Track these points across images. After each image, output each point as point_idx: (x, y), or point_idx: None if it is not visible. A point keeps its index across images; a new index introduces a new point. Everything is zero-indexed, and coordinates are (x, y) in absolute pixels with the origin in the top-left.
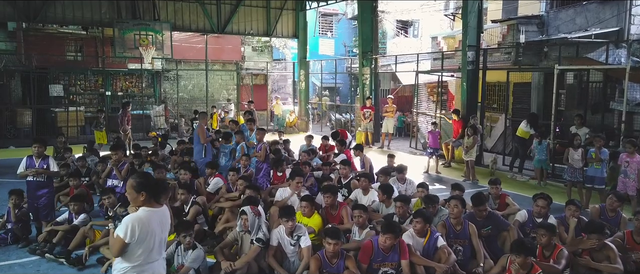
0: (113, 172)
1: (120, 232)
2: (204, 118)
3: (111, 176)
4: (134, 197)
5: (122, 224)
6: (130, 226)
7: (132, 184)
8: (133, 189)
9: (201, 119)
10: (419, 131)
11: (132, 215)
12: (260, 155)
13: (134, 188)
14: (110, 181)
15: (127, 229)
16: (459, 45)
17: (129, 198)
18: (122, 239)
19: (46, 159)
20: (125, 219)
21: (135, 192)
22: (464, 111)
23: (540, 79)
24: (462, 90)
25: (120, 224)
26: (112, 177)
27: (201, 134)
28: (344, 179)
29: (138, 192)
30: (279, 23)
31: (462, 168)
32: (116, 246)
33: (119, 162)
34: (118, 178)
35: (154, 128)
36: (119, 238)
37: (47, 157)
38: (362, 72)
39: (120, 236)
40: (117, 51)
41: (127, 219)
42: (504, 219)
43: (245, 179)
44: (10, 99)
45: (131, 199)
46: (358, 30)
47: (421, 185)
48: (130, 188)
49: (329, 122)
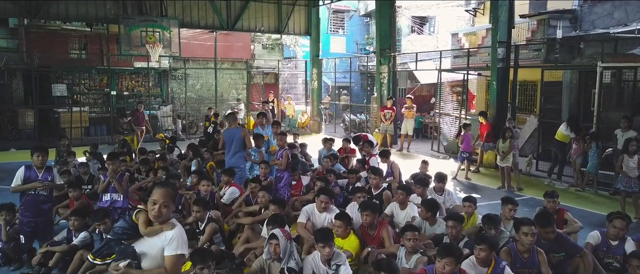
0: (111, 185)
1: (180, 249)
2: (235, 120)
3: (109, 189)
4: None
5: (175, 241)
6: (182, 239)
7: (170, 193)
8: (171, 199)
9: (232, 121)
10: (441, 132)
11: (177, 229)
12: (282, 163)
13: (172, 197)
14: (107, 196)
15: (183, 243)
16: (482, 42)
17: (165, 212)
18: (184, 256)
19: (50, 170)
20: (174, 235)
21: (172, 202)
22: (493, 112)
23: (573, 78)
24: (492, 89)
25: (171, 241)
26: (110, 191)
27: (247, 138)
28: (375, 190)
29: (175, 201)
30: (291, 19)
31: (492, 174)
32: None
33: (116, 173)
34: (117, 191)
35: (161, 129)
36: (181, 257)
37: (50, 167)
38: (380, 70)
39: (183, 253)
40: (122, 49)
41: (176, 234)
42: (575, 243)
43: (268, 191)
44: (11, 99)
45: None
46: (376, 27)
47: (468, 199)
48: (167, 198)
49: (343, 123)
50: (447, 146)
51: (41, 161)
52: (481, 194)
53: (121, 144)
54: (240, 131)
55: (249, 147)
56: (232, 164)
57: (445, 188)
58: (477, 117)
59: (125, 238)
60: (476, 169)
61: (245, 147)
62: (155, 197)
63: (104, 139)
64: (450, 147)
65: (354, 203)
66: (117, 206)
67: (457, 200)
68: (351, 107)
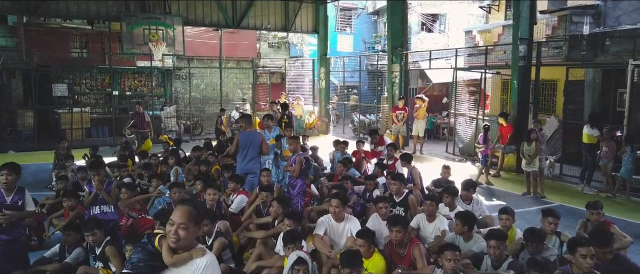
0: (100, 197)
1: None
2: (251, 123)
3: (97, 201)
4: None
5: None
6: (216, 268)
7: (191, 213)
8: (192, 222)
9: (247, 123)
10: (457, 134)
11: (209, 256)
12: (295, 169)
13: (193, 219)
14: (95, 209)
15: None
16: (498, 39)
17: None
18: None
19: (21, 192)
20: (207, 262)
21: (195, 223)
22: (514, 113)
23: (596, 77)
24: (513, 89)
25: (205, 271)
26: (98, 203)
27: (265, 144)
28: (397, 197)
29: (199, 223)
30: (298, 17)
31: (513, 178)
32: None
33: (102, 184)
34: (107, 202)
35: (165, 131)
36: None
37: (22, 189)
38: (391, 69)
39: None
40: (125, 47)
41: (209, 262)
42: (635, 263)
43: (283, 204)
44: (10, 99)
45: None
46: (387, 24)
47: (505, 211)
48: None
49: (351, 124)
50: (463, 148)
51: (8, 182)
52: (506, 201)
53: (123, 146)
54: (258, 135)
55: (266, 153)
56: (246, 170)
57: (473, 197)
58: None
59: (147, 272)
60: (497, 173)
61: (260, 153)
62: (173, 217)
63: (106, 141)
64: (466, 149)
65: (375, 215)
66: (108, 218)
67: (486, 210)
68: (360, 107)
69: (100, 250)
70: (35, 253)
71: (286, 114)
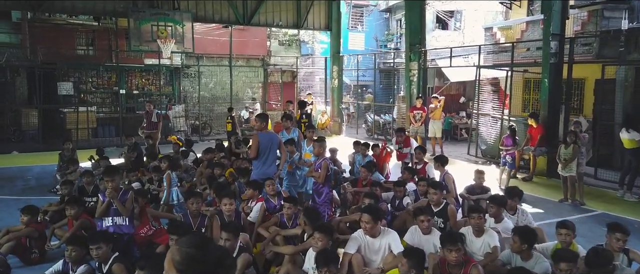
0: (112, 207)
1: None
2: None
3: (110, 212)
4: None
5: None
6: None
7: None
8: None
9: (266, 124)
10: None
11: None
12: (321, 175)
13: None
14: (108, 221)
15: None
16: (520, 36)
17: None
18: None
19: None
20: None
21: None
22: (545, 113)
23: (629, 75)
24: (543, 88)
25: None
26: (111, 214)
27: (282, 149)
28: (435, 207)
29: None
30: (310, 14)
31: (544, 183)
32: None
33: (117, 191)
34: (122, 213)
35: (173, 131)
36: None
37: None
38: (409, 67)
39: None
40: (132, 44)
41: None
42: None
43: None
44: (14, 98)
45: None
46: (405, 20)
47: (564, 225)
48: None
49: (365, 124)
50: (486, 150)
51: None
52: (543, 209)
53: (132, 147)
54: (277, 136)
55: (283, 156)
56: (267, 175)
57: (518, 207)
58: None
59: None
60: (529, 177)
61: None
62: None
63: (113, 141)
64: (489, 151)
65: (415, 229)
66: (122, 232)
67: (533, 221)
68: (374, 107)
69: (107, 268)
70: (36, 267)
71: (305, 113)
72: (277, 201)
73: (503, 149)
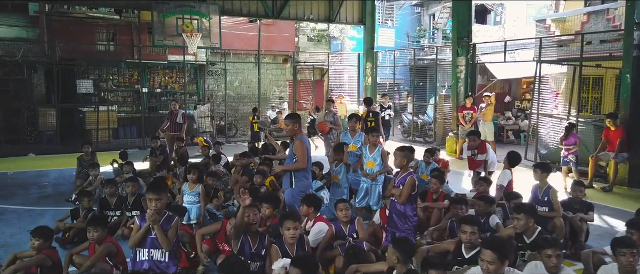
0: (151, 236)
1: None
2: (298, 124)
3: (147, 242)
4: None
5: None
6: None
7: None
8: None
9: (300, 126)
10: (539, 138)
11: None
12: (403, 194)
13: None
14: (143, 253)
15: None
16: (580, 28)
17: None
18: None
19: None
20: None
21: None
22: (626, 113)
23: None
24: (624, 84)
25: None
26: (147, 245)
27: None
28: (527, 237)
29: None
30: (343, 7)
31: (625, 193)
32: None
33: (161, 215)
34: (161, 246)
35: (199, 132)
36: None
37: None
38: (456, 63)
39: None
40: (156, 39)
41: None
42: None
43: (405, 251)
44: (31, 96)
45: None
46: (452, 12)
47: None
48: None
49: (400, 125)
50: (547, 155)
51: None
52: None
53: (159, 150)
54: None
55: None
56: (314, 187)
57: None
58: (589, 120)
59: None
60: (609, 188)
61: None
62: None
63: (134, 142)
64: (550, 156)
65: (537, 265)
66: (160, 270)
67: None
68: (415, 106)
69: None
70: None
71: (372, 112)
72: (350, 230)
73: (563, 147)
